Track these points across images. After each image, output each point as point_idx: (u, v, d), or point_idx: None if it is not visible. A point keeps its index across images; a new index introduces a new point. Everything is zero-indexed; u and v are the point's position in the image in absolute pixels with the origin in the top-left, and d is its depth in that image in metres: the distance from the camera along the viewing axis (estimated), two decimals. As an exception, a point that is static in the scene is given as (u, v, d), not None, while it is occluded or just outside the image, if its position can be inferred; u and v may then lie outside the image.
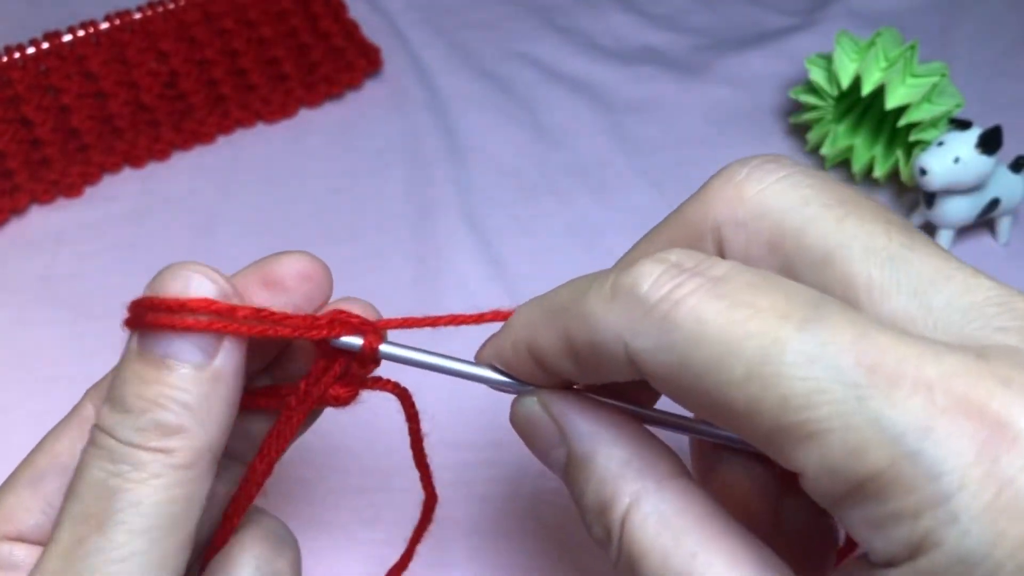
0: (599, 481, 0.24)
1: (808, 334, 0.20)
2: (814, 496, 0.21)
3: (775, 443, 0.21)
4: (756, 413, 0.20)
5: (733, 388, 0.20)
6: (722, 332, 0.21)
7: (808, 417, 0.20)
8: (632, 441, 0.25)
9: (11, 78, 0.55)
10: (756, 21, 0.68)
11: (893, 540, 0.19)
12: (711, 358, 0.21)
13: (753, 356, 0.20)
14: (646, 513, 0.23)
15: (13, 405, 0.48)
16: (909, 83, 0.54)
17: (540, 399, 0.26)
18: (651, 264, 0.23)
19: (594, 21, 0.68)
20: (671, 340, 0.21)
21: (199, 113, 0.59)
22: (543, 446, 0.26)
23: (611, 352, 0.23)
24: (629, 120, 0.62)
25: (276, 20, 0.62)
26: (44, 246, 0.54)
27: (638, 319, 0.22)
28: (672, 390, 0.22)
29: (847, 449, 0.19)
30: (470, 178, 0.58)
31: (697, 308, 0.21)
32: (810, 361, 0.20)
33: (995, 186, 0.52)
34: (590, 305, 0.23)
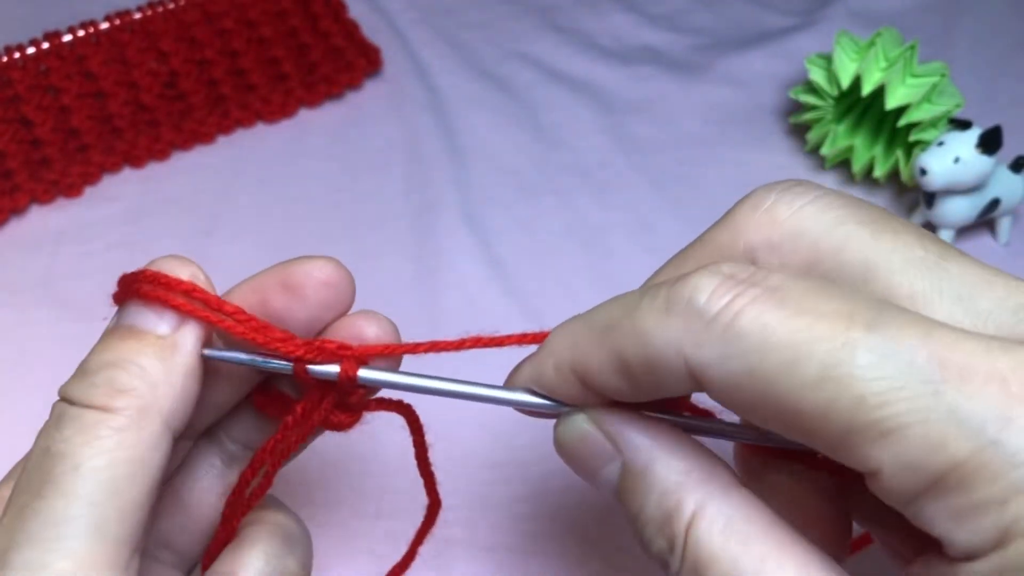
0: (661, 492, 0.24)
1: (877, 334, 0.20)
2: (887, 495, 0.21)
3: (848, 444, 0.21)
4: (829, 415, 0.20)
5: (805, 392, 0.21)
6: (790, 337, 0.21)
7: (885, 415, 0.20)
8: (690, 452, 0.25)
9: (11, 78, 0.55)
10: (756, 21, 0.68)
11: (978, 531, 0.20)
12: (781, 364, 0.21)
13: (825, 358, 0.20)
14: (712, 519, 0.23)
15: (13, 405, 0.48)
16: (909, 83, 0.54)
17: (590, 416, 0.26)
18: (706, 276, 0.23)
19: (594, 21, 0.68)
20: (736, 349, 0.21)
21: (199, 113, 0.59)
22: (595, 464, 0.26)
23: (669, 366, 0.23)
24: (629, 120, 0.62)
25: (276, 20, 0.62)
26: (44, 246, 0.54)
27: (699, 331, 0.22)
28: (736, 400, 0.22)
29: (927, 443, 0.20)
30: (470, 178, 0.58)
31: (761, 316, 0.21)
32: (883, 360, 0.20)
33: (995, 186, 0.52)
34: (643, 320, 0.23)
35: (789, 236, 0.25)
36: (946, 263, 0.24)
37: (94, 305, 0.52)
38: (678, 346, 0.22)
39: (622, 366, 0.24)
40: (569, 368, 0.25)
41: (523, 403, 0.27)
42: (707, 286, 0.22)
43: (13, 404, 0.48)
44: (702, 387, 0.23)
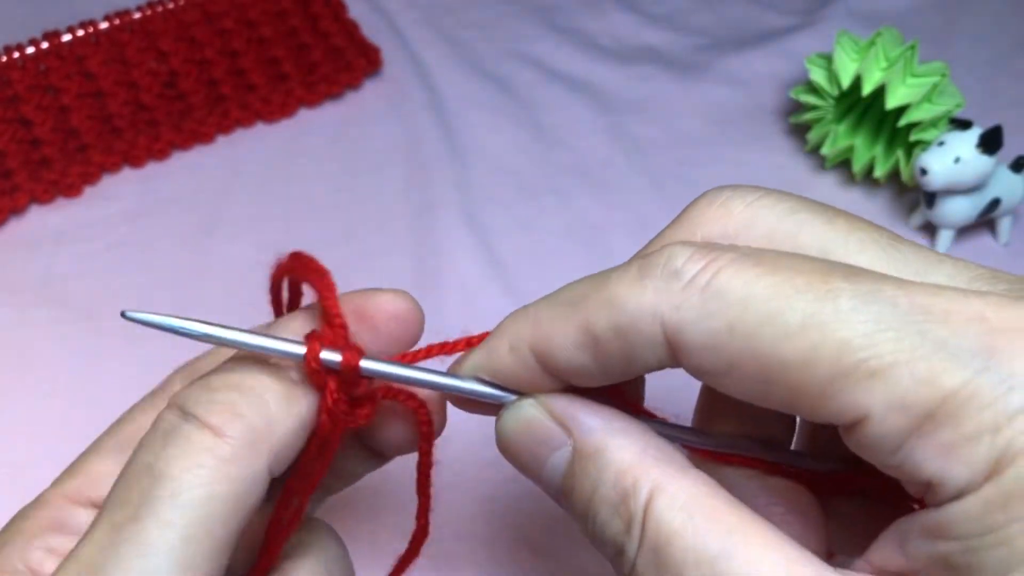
0: (616, 472, 0.23)
1: (858, 283, 0.21)
2: (873, 443, 0.21)
3: (832, 391, 0.20)
4: (813, 362, 0.20)
5: (788, 341, 0.21)
6: (771, 290, 0.21)
7: (872, 355, 0.20)
8: (643, 434, 0.24)
9: (11, 78, 0.55)
10: (756, 21, 0.68)
11: (972, 462, 0.19)
12: (762, 315, 0.21)
13: (807, 307, 0.21)
14: (673, 495, 0.22)
15: (13, 405, 0.48)
16: (909, 83, 0.53)
17: (538, 401, 0.25)
18: (679, 246, 0.23)
19: (594, 21, 0.68)
20: (716, 307, 0.21)
21: (199, 113, 0.59)
22: (541, 452, 0.25)
23: (644, 333, 0.22)
24: (629, 120, 0.62)
25: (276, 20, 0.62)
26: (43, 246, 0.54)
27: (677, 293, 0.22)
28: (713, 361, 0.22)
29: (916, 379, 0.20)
30: (470, 178, 0.58)
31: (740, 274, 0.21)
32: (866, 303, 0.20)
33: (995, 186, 0.52)
34: (616, 290, 0.23)
35: (744, 226, 0.25)
36: (899, 245, 0.24)
37: (94, 305, 0.52)
38: (654, 310, 0.22)
39: (590, 339, 0.23)
40: (528, 347, 0.25)
41: (469, 391, 0.26)
42: (682, 253, 0.22)
43: (13, 404, 0.48)
44: (676, 354, 0.22)
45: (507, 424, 0.26)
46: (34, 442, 0.46)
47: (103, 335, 0.50)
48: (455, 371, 0.27)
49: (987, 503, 0.19)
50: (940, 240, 0.54)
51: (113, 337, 0.50)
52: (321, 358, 0.25)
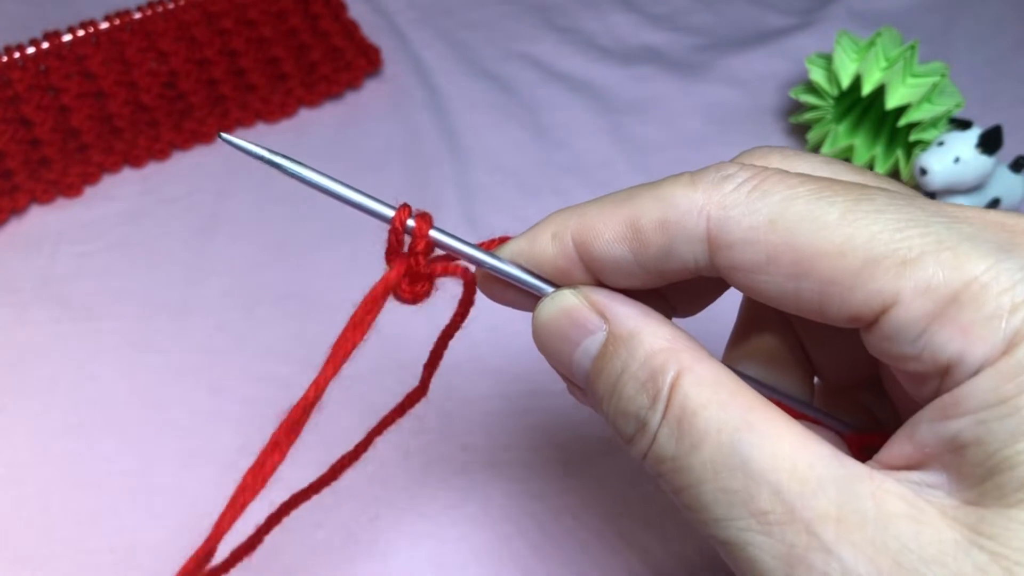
0: (647, 352, 0.25)
1: (893, 190, 0.24)
2: (897, 331, 0.22)
3: (865, 278, 0.22)
4: (848, 252, 0.22)
5: (826, 232, 0.22)
6: (812, 193, 0.23)
7: (905, 244, 0.22)
8: (672, 327, 0.26)
9: (11, 78, 0.55)
10: (756, 21, 0.68)
11: (990, 339, 0.21)
12: (803, 211, 0.23)
13: (846, 203, 0.23)
14: (700, 375, 0.24)
15: (12, 405, 0.48)
16: (909, 83, 0.54)
17: (580, 291, 0.27)
18: (733, 163, 0.25)
19: (594, 21, 0.68)
20: (761, 204, 0.23)
21: (199, 113, 0.59)
22: (576, 337, 0.26)
23: (688, 227, 0.24)
24: (629, 120, 0.62)
25: (276, 20, 0.62)
26: (43, 246, 0.54)
27: (726, 194, 0.24)
28: (750, 255, 0.23)
29: (943, 265, 0.21)
30: (470, 178, 0.58)
31: (785, 180, 0.23)
32: (898, 204, 0.23)
33: (995, 186, 0.52)
34: (667, 189, 0.25)
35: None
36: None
37: (94, 305, 0.52)
38: (701, 207, 0.24)
39: (634, 231, 0.25)
40: (571, 236, 0.26)
41: (515, 277, 0.27)
42: (735, 166, 0.24)
43: (12, 404, 0.48)
44: (715, 251, 0.24)
45: (547, 310, 0.27)
46: (34, 442, 0.46)
47: (103, 335, 0.50)
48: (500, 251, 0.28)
49: (1001, 375, 0.20)
50: (940, 240, 0.54)
51: (113, 337, 0.50)
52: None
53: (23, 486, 0.45)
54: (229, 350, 0.50)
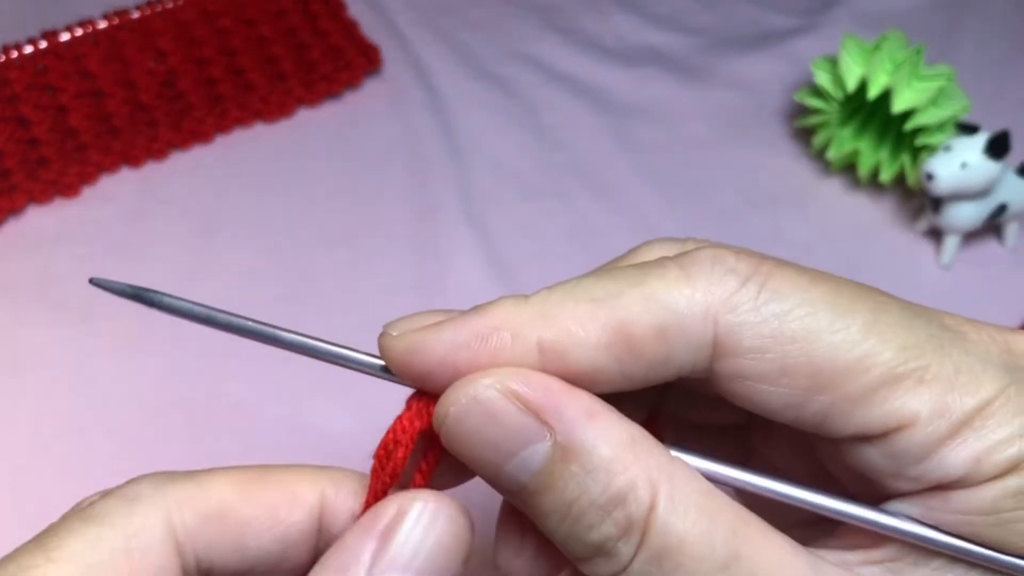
0: (607, 472, 0.21)
1: (897, 299, 0.23)
2: (907, 449, 0.21)
3: (882, 397, 0.21)
4: (869, 368, 0.21)
5: (847, 346, 0.21)
6: (828, 298, 0.22)
7: (923, 363, 0.21)
8: (620, 419, 0.22)
9: (9, 77, 0.55)
10: (759, 22, 0.68)
11: (1000, 461, 0.21)
12: (825, 322, 0.21)
13: (866, 316, 0.22)
14: (674, 498, 0.21)
15: (12, 405, 0.47)
16: (915, 86, 0.53)
17: (502, 384, 0.21)
18: (718, 247, 0.23)
19: (595, 21, 0.68)
20: (777, 310, 0.22)
21: (197, 112, 0.59)
22: (509, 446, 0.21)
23: (691, 334, 0.22)
24: (631, 122, 0.62)
25: (275, 19, 0.62)
26: (42, 246, 0.54)
27: (732, 292, 0.22)
28: (764, 366, 0.22)
29: (958, 388, 0.21)
30: (470, 179, 0.58)
31: (792, 279, 0.22)
32: (913, 318, 0.22)
33: (1002, 191, 0.51)
34: (659, 289, 0.22)
35: None
36: None
37: (92, 306, 0.52)
38: (706, 309, 0.21)
39: (624, 338, 0.21)
40: (536, 342, 0.22)
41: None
42: (727, 254, 0.22)
43: (11, 404, 0.47)
44: (721, 358, 0.22)
45: (463, 416, 0.22)
46: (34, 442, 0.46)
47: (101, 335, 0.50)
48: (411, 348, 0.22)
49: (1003, 491, 0.21)
50: (946, 245, 0.53)
51: (111, 338, 0.50)
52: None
53: (22, 486, 0.45)
54: (228, 351, 0.49)
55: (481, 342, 0.22)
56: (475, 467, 0.22)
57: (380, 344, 0.23)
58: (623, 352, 0.22)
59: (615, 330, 0.21)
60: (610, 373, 0.22)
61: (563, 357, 0.22)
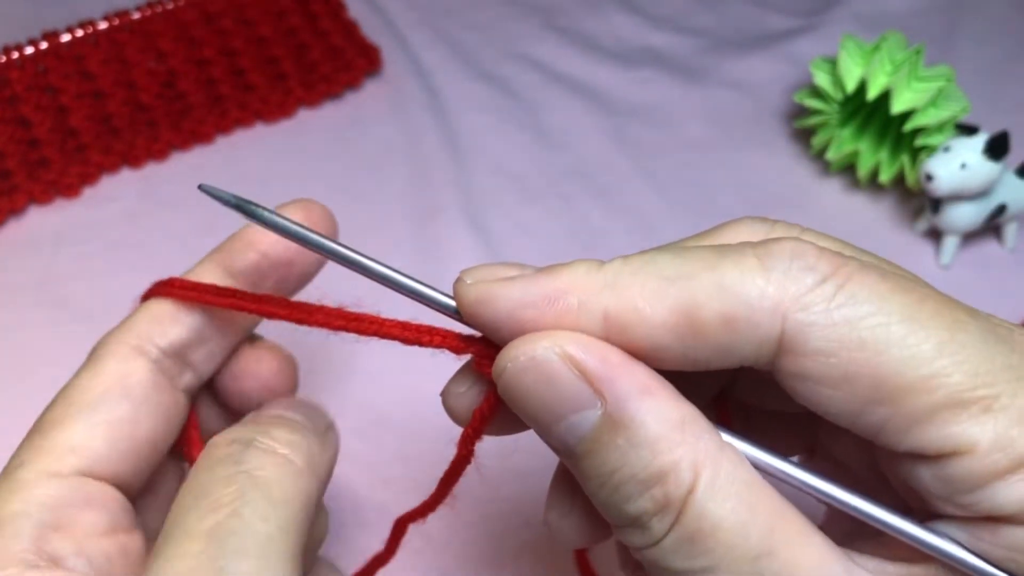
0: (652, 448, 0.21)
1: (978, 319, 0.22)
2: (962, 477, 0.21)
3: (943, 419, 0.21)
4: (935, 389, 0.20)
5: (918, 363, 0.20)
6: (905, 310, 0.21)
7: (992, 392, 0.21)
8: (677, 399, 0.22)
9: (9, 78, 0.55)
10: (758, 23, 0.68)
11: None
12: (897, 336, 0.21)
13: (940, 335, 0.21)
14: (716, 484, 0.21)
15: (11, 405, 0.47)
16: (915, 87, 0.53)
17: (560, 348, 0.21)
18: (801, 243, 0.22)
19: (595, 22, 0.68)
20: (849, 315, 0.21)
21: (198, 113, 0.59)
22: (561, 408, 0.22)
23: (759, 326, 0.21)
24: (631, 122, 0.62)
25: (275, 19, 0.62)
26: (42, 247, 0.54)
27: (807, 291, 0.21)
28: (827, 370, 0.21)
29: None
30: (471, 180, 0.58)
31: (872, 285, 0.21)
32: (988, 342, 0.21)
33: (1002, 191, 0.52)
34: (733, 276, 0.21)
35: None
36: None
37: (93, 306, 0.52)
38: (777, 304, 0.21)
39: (688, 321, 0.21)
40: (602, 312, 0.22)
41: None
42: (809, 251, 0.21)
43: (11, 404, 0.47)
44: (785, 354, 0.21)
45: (520, 372, 0.22)
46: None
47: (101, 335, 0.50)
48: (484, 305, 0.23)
49: None
50: (945, 246, 0.54)
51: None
52: None
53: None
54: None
55: (548, 304, 0.22)
56: (528, 421, 0.23)
57: (454, 289, 0.24)
58: (687, 335, 0.21)
59: (682, 312, 0.21)
60: (672, 353, 0.22)
61: (626, 331, 0.22)
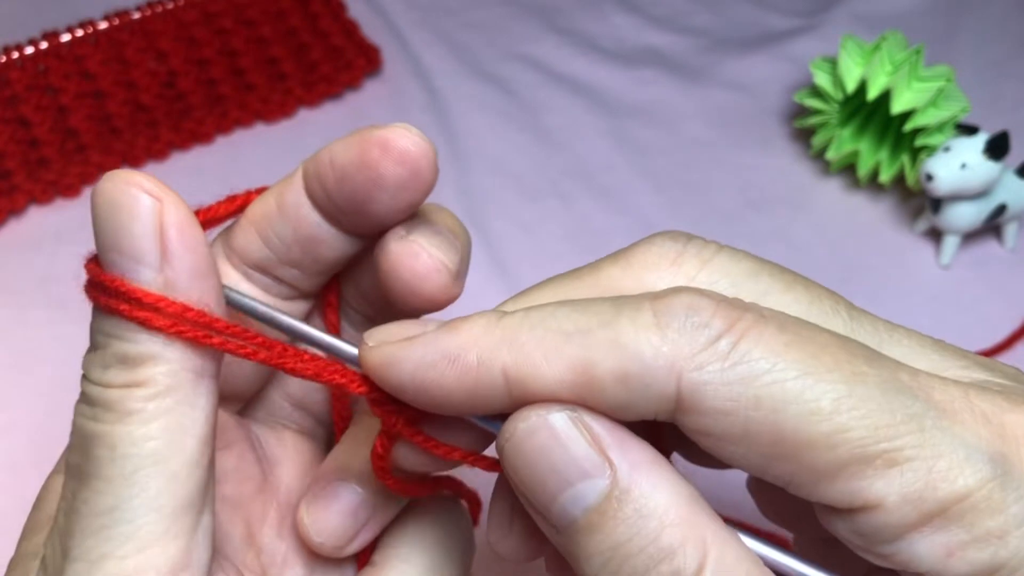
0: (661, 524, 0.21)
1: (880, 368, 0.21)
2: (873, 531, 0.21)
3: (849, 474, 0.20)
4: (837, 445, 0.20)
5: (816, 422, 0.20)
6: (801, 366, 0.20)
7: (896, 445, 0.20)
8: (681, 480, 0.22)
9: (9, 78, 0.55)
10: (758, 23, 0.68)
11: (974, 564, 0.20)
12: (792, 392, 0.20)
13: (837, 389, 0.20)
14: (728, 564, 0.21)
15: (12, 405, 0.47)
16: (915, 87, 0.53)
17: (574, 412, 0.22)
18: (698, 296, 0.21)
19: (595, 22, 0.68)
20: (743, 374, 0.20)
21: (198, 113, 0.59)
22: (569, 475, 0.21)
23: (654, 385, 0.21)
24: (631, 123, 0.62)
25: (275, 19, 0.62)
26: (43, 246, 0.54)
27: (700, 351, 0.21)
28: (723, 427, 0.21)
29: (935, 475, 0.20)
30: (470, 180, 0.58)
31: (767, 340, 0.21)
32: (890, 393, 0.20)
33: (1002, 191, 0.52)
34: (628, 333, 0.21)
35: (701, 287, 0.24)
36: (859, 317, 0.24)
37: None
38: (671, 363, 0.21)
39: (586, 379, 0.21)
40: (500, 369, 0.22)
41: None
42: (706, 305, 0.21)
43: (12, 404, 0.47)
44: (683, 412, 0.21)
45: (530, 431, 0.22)
46: (34, 442, 0.46)
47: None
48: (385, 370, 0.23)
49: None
50: (945, 246, 0.54)
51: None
52: None
53: (24, 488, 0.45)
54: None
55: (449, 363, 0.22)
56: (529, 490, 0.22)
57: (359, 353, 0.24)
58: (584, 391, 0.21)
59: (579, 370, 0.21)
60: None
61: (525, 386, 0.22)
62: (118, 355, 0.23)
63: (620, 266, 0.25)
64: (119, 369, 0.23)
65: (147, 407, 0.23)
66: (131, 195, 0.23)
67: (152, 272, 0.23)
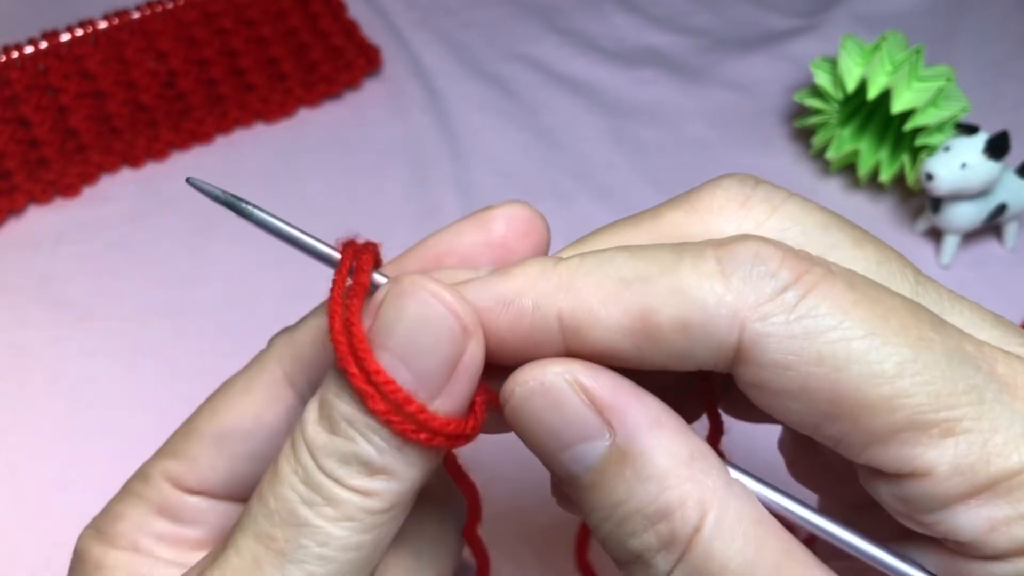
0: (660, 482, 0.21)
1: (946, 336, 0.21)
2: (920, 497, 0.20)
3: (903, 440, 0.20)
4: (895, 409, 0.20)
5: (877, 384, 0.20)
6: (867, 325, 0.20)
7: (954, 415, 0.20)
8: (686, 433, 0.21)
9: (9, 78, 0.55)
10: (758, 23, 0.68)
11: (1016, 539, 0.20)
12: (856, 352, 0.20)
13: (902, 353, 0.20)
14: (723, 521, 0.20)
15: (12, 405, 0.47)
16: (915, 87, 0.53)
17: (571, 375, 0.21)
18: (765, 245, 0.21)
19: (595, 22, 0.68)
20: (808, 328, 0.20)
21: (198, 113, 0.59)
22: (568, 437, 0.21)
23: (715, 333, 0.20)
24: (631, 123, 0.62)
25: (275, 19, 0.62)
26: (42, 246, 0.54)
27: (766, 301, 0.20)
28: (785, 382, 0.20)
29: (989, 448, 0.20)
30: (470, 180, 0.58)
31: (835, 295, 0.20)
32: (954, 362, 0.20)
33: (1002, 191, 0.51)
34: (690, 280, 0.20)
35: (770, 234, 0.23)
36: (924, 283, 0.24)
37: (92, 306, 0.52)
38: (734, 312, 0.20)
39: (645, 326, 0.21)
40: (556, 314, 0.21)
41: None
42: (773, 254, 0.20)
43: (12, 404, 0.47)
44: (742, 363, 0.21)
45: (527, 393, 0.22)
46: (34, 442, 0.46)
47: (102, 335, 0.50)
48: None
49: (1018, 573, 0.20)
50: (945, 245, 0.54)
51: (111, 338, 0.50)
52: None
53: (21, 486, 0.45)
54: (228, 351, 0.49)
55: (503, 307, 0.22)
56: (533, 449, 0.22)
57: None
58: (642, 339, 0.21)
59: (638, 317, 0.21)
60: (628, 355, 0.21)
61: (581, 333, 0.21)
62: (362, 458, 0.22)
63: (684, 210, 0.24)
64: (359, 471, 0.22)
65: (368, 519, 0.22)
66: (447, 323, 0.21)
67: (430, 397, 0.22)
